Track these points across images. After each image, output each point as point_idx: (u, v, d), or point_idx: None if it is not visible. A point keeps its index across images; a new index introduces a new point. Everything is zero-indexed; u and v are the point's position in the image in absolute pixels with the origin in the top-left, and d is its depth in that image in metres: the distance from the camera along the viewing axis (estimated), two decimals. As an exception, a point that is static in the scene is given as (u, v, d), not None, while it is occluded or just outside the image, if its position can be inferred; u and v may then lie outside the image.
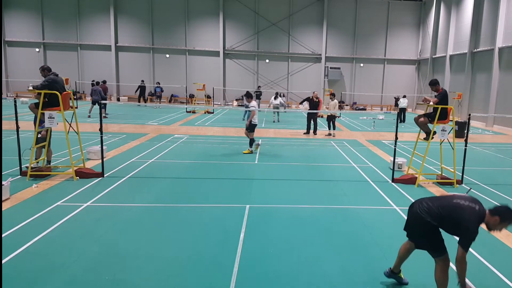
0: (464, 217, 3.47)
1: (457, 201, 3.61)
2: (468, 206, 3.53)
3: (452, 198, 3.73)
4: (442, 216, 3.62)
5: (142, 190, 7.38)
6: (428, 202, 3.78)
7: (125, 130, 15.08)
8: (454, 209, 3.57)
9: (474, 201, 3.63)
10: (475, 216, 3.47)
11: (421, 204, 3.79)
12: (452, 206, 3.60)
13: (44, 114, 7.68)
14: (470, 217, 3.46)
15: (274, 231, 5.60)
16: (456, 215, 3.53)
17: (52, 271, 4.27)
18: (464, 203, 3.56)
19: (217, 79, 31.05)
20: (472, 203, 3.57)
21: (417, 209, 3.77)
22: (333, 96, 15.94)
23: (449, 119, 8.37)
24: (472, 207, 3.52)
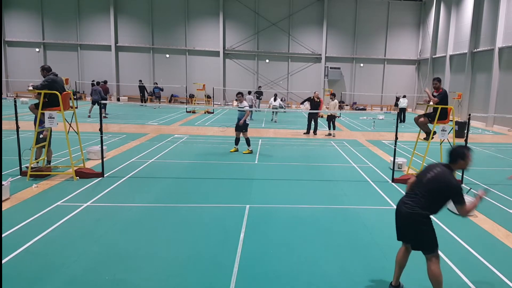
0: (449, 179, 3.71)
1: (434, 172, 3.79)
2: (444, 170, 3.78)
3: (426, 173, 3.84)
4: (431, 190, 3.73)
5: (142, 190, 7.38)
6: (410, 195, 3.87)
7: (125, 130, 15.08)
8: (437, 178, 3.74)
9: (441, 164, 3.88)
10: (451, 175, 3.79)
11: (404, 204, 3.84)
12: (434, 177, 3.76)
13: (44, 114, 7.68)
14: (451, 177, 3.75)
15: (274, 231, 5.60)
16: (443, 181, 3.72)
17: (52, 271, 4.28)
18: (440, 170, 3.78)
19: (217, 79, 31.05)
20: (442, 167, 3.82)
21: (405, 209, 3.80)
22: (333, 96, 15.95)
23: (449, 119, 8.37)
24: (445, 169, 3.79)
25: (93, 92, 18.77)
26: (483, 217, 6.50)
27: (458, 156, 3.81)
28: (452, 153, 3.84)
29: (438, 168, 3.81)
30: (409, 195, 3.89)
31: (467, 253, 5.08)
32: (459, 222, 6.25)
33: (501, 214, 6.70)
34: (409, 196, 3.86)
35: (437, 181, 3.72)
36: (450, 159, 3.83)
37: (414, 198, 3.79)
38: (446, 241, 5.46)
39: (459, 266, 4.70)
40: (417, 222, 3.74)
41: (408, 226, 3.82)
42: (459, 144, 4.00)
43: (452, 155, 3.83)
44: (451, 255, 4.98)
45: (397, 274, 4.12)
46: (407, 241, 3.98)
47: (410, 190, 3.92)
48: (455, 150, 3.86)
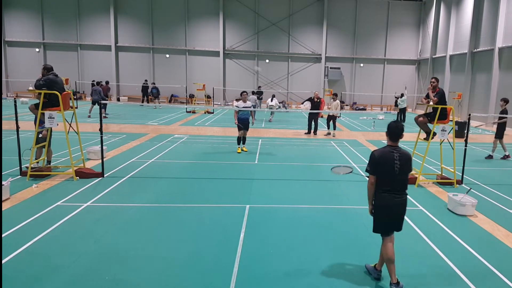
0: (409, 155, 4.16)
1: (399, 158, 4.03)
2: (402, 149, 4.14)
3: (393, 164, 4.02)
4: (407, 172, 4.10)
5: (142, 190, 7.38)
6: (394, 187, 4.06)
7: (125, 130, 15.08)
8: (405, 160, 4.06)
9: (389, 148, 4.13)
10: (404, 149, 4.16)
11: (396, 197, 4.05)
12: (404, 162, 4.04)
13: (44, 114, 7.68)
14: (407, 151, 4.16)
15: (274, 231, 5.60)
16: (409, 158, 4.11)
17: (52, 271, 4.27)
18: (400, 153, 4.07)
19: (217, 79, 31.05)
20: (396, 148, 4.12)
21: (401, 200, 4.08)
22: (335, 96, 15.92)
23: (449, 119, 8.37)
24: (402, 149, 4.15)
25: (93, 92, 18.79)
26: (483, 217, 6.50)
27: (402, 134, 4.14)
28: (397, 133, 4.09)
29: (395, 153, 4.04)
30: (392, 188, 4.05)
31: (467, 253, 5.08)
32: (459, 222, 6.25)
33: (501, 214, 6.69)
34: (396, 189, 4.06)
35: (406, 163, 4.06)
36: (398, 138, 4.11)
37: (402, 189, 4.08)
38: (446, 241, 5.46)
39: (459, 266, 4.70)
40: (405, 205, 4.14)
41: (401, 212, 4.14)
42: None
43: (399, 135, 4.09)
44: (451, 255, 4.98)
45: (394, 270, 4.13)
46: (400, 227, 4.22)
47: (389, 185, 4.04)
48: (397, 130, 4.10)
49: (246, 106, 11.01)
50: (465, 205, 6.46)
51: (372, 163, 4.07)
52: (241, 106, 10.99)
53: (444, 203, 7.13)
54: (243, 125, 11.19)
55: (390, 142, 4.15)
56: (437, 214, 6.55)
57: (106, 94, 21.02)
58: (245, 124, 11.21)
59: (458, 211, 6.53)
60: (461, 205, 6.48)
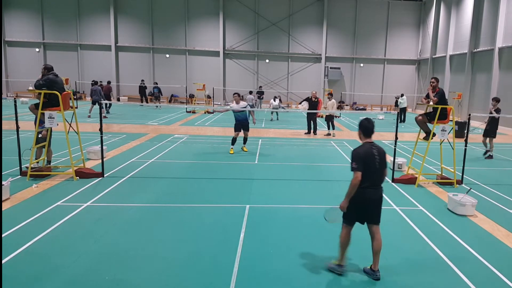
0: (383, 150, 4.33)
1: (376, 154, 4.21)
2: (377, 144, 4.31)
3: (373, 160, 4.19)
4: (384, 167, 4.28)
5: (142, 190, 7.38)
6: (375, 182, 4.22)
7: (125, 130, 15.08)
8: (382, 156, 4.26)
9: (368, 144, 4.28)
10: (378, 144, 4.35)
11: (378, 190, 4.25)
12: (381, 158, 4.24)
13: (44, 114, 7.68)
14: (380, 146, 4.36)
15: (274, 231, 5.60)
16: (384, 152, 4.32)
17: (52, 271, 4.27)
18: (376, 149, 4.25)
19: (217, 79, 31.05)
20: (374, 145, 4.28)
21: (379, 195, 4.27)
22: (330, 96, 15.95)
23: (449, 119, 8.37)
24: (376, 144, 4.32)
25: (93, 92, 18.81)
26: (483, 217, 6.50)
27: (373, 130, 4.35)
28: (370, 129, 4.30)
29: (373, 149, 4.22)
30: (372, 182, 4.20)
31: (467, 253, 5.08)
32: (459, 222, 6.25)
33: (501, 214, 6.69)
34: (376, 183, 4.23)
35: (383, 157, 4.25)
36: (371, 134, 4.31)
37: (379, 183, 4.27)
38: (446, 241, 5.46)
39: (459, 266, 4.70)
40: (381, 198, 4.31)
41: (377, 207, 4.30)
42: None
43: (371, 131, 4.30)
44: (451, 255, 4.98)
45: (343, 254, 4.41)
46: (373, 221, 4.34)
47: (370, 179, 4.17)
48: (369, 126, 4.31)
49: (240, 107, 10.95)
50: (465, 205, 6.46)
51: (358, 160, 4.15)
52: (235, 107, 10.96)
53: (444, 203, 7.13)
54: (241, 126, 11.18)
55: (365, 139, 4.31)
56: (437, 214, 6.56)
57: (108, 94, 21.04)
58: (243, 125, 11.19)
59: (458, 211, 6.53)
60: (461, 205, 6.48)
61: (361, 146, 4.29)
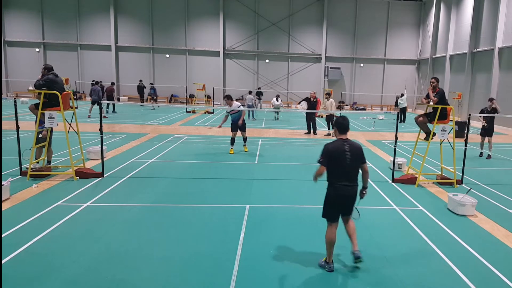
0: (359, 145, 4.46)
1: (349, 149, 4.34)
2: (352, 141, 4.44)
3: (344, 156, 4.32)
4: (357, 164, 4.40)
5: (142, 190, 7.38)
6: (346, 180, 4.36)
7: (125, 130, 15.08)
8: (355, 151, 4.36)
9: (340, 140, 4.42)
10: (354, 141, 4.47)
11: (348, 187, 4.36)
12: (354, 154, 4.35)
13: (44, 114, 7.68)
14: (357, 142, 4.47)
15: (274, 231, 5.60)
16: (359, 149, 4.42)
17: (52, 271, 4.27)
18: (350, 144, 4.37)
19: (217, 79, 31.05)
20: (352, 140, 4.44)
21: (355, 191, 4.41)
22: (328, 96, 15.97)
23: (449, 119, 8.37)
24: (352, 140, 4.44)
25: (93, 92, 18.84)
26: (483, 217, 6.50)
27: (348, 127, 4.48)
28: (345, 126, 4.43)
29: (345, 145, 4.35)
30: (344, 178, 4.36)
31: (467, 253, 5.08)
32: (459, 222, 6.26)
33: (501, 214, 6.69)
34: (347, 179, 4.36)
35: (356, 153, 4.36)
36: (345, 131, 4.44)
37: (352, 180, 4.38)
38: (446, 241, 5.46)
39: (459, 266, 4.70)
40: (356, 194, 4.45)
41: (351, 202, 4.47)
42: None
43: (346, 128, 4.44)
44: (451, 255, 4.98)
45: (331, 252, 4.52)
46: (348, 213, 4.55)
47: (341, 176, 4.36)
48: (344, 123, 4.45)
49: (233, 110, 10.96)
50: (465, 205, 6.46)
51: (325, 155, 4.34)
52: (229, 109, 10.98)
53: (444, 203, 7.13)
54: (235, 127, 11.21)
55: (340, 135, 4.45)
56: (437, 214, 6.56)
57: (111, 95, 21.01)
58: (236, 126, 11.19)
59: (458, 211, 6.53)
60: (461, 205, 6.48)
61: (333, 142, 4.44)
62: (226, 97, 11.19)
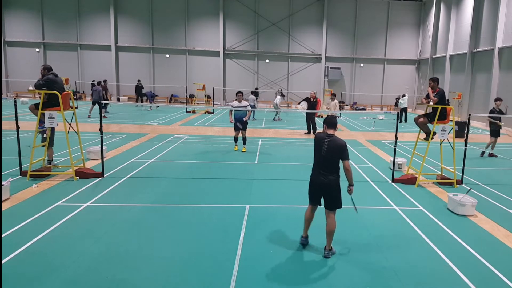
0: (342, 143, 4.71)
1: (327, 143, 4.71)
2: (336, 137, 4.76)
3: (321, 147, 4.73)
4: (333, 157, 4.70)
5: (142, 190, 7.38)
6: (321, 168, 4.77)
7: (125, 130, 15.08)
8: (335, 145, 4.68)
9: (325, 134, 4.82)
10: (340, 138, 4.77)
11: (321, 176, 4.76)
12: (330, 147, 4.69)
13: (44, 114, 7.68)
14: (342, 140, 4.75)
15: (274, 231, 5.60)
16: (339, 145, 4.69)
17: (52, 271, 4.28)
18: (330, 138, 4.72)
19: (217, 79, 31.06)
20: (336, 137, 4.76)
21: (326, 181, 4.75)
22: (334, 96, 15.98)
23: (449, 119, 8.37)
24: (336, 136, 4.77)
25: (94, 92, 18.82)
26: (483, 217, 6.50)
27: (336, 124, 4.92)
28: (332, 122, 4.88)
29: (326, 138, 4.73)
30: (318, 167, 4.80)
31: (467, 253, 5.08)
32: (459, 222, 6.26)
33: (501, 214, 6.69)
34: (320, 168, 4.77)
35: (334, 148, 4.66)
36: (333, 126, 4.87)
37: (325, 170, 4.75)
38: (446, 241, 5.46)
39: (459, 266, 4.70)
40: (333, 188, 4.76)
41: (326, 193, 4.81)
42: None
43: (333, 124, 4.88)
44: (451, 255, 4.98)
45: (306, 228, 5.15)
46: (317, 203, 5.01)
47: (317, 164, 4.82)
48: (332, 120, 4.90)
49: (240, 106, 11.03)
50: (465, 205, 6.46)
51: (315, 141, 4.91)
52: (235, 105, 11.04)
53: (444, 203, 7.13)
54: (240, 125, 11.25)
55: (327, 130, 4.88)
56: (437, 214, 6.56)
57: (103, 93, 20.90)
58: (241, 124, 11.23)
59: (458, 211, 6.53)
60: (461, 205, 6.48)
61: (319, 133, 4.94)
62: (239, 93, 11.27)
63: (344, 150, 4.67)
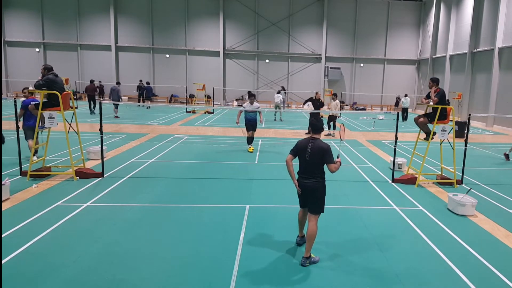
0: (322, 146, 4.70)
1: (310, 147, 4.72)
2: (320, 141, 4.77)
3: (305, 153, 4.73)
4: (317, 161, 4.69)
5: (142, 190, 7.38)
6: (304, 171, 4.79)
7: (125, 130, 15.08)
8: (316, 150, 4.68)
9: (309, 139, 4.81)
10: (323, 142, 4.78)
11: (306, 179, 4.76)
12: (313, 151, 4.68)
13: (44, 114, 7.68)
14: (325, 144, 4.75)
15: (274, 231, 5.60)
16: (321, 148, 4.68)
17: (52, 271, 4.28)
18: (313, 143, 4.73)
19: (217, 79, 31.05)
20: (320, 141, 4.78)
21: (310, 185, 4.73)
22: (335, 97, 16.01)
23: (449, 119, 8.37)
24: (320, 140, 4.79)
25: (112, 92, 19.33)
26: (483, 217, 6.50)
27: (321, 129, 4.89)
28: (318, 127, 4.84)
29: (310, 143, 4.74)
30: (303, 171, 4.80)
31: (467, 253, 5.08)
32: (459, 222, 6.26)
33: (501, 214, 6.70)
34: (305, 172, 4.78)
35: (317, 153, 4.66)
36: (318, 131, 4.84)
37: (309, 173, 4.75)
38: (446, 241, 5.46)
39: (459, 266, 4.70)
40: (317, 192, 4.72)
41: (309, 196, 4.76)
42: None
43: (318, 129, 4.84)
44: (451, 255, 4.98)
45: (301, 229, 5.22)
46: (306, 206, 4.91)
47: (302, 168, 4.82)
48: (318, 124, 4.86)
49: (252, 109, 11.16)
50: (465, 205, 6.46)
51: (294, 147, 4.88)
52: (248, 107, 11.11)
53: (444, 203, 7.13)
54: (251, 126, 11.41)
55: (313, 134, 4.86)
56: (437, 214, 6.56)
57: (92, 94, 20.80)
58: (253, 125, 11.41)
59: (458, 211, 6.53)
60: (461, 205, 6.48)
61: (304, 138, 4.91)
62: (252, 96, 11.40)
63: (326, 153, 4.63)
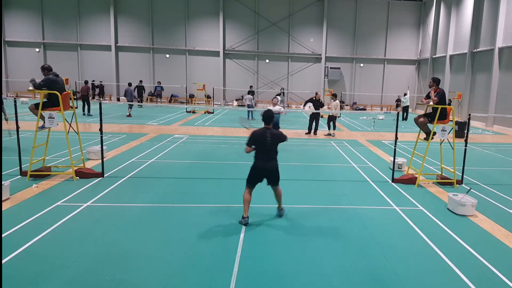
0: (278, 132, 5.97)
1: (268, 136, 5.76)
2: (272, 129, 5.86)
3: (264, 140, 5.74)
4: (275, 146, 5.89)
5: (142, 190, 7.38)
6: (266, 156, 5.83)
7: (125, 130, 15.08)
8: (274, 138, 5.81)
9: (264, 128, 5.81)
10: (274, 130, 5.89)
11: (268, 162, 5.85)
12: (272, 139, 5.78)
13: (44, 114, 7.68)
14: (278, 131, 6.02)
15: (274, 231, 5.60)
16: (278, 134, 5.91)
17: (52, 271, 4.28)
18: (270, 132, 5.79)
19: (217, 79, 31.05)
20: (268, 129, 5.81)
21: (271, 165, 5.89)
22: (334, 97, 16.01)
23: (449, 119, 8.37)
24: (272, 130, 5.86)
25: (126, 93, 19.53)
26: (483, 217, 6.50)
27: (272, 119, 5.86)
28: (270, 117, 5.81)
29: (267, 132, 5.73)
30: (265, 156, 5.82)
31: (467, 253, 5.08)
32: (459, 222, 6.26)
33: (501, 214, 6.70)
34: (267, 156, 5.83)
35: (275, 140, 5.80)
36: (269, 122, 5.82)
37: (271, 157, 5.86)
38: (446, 241, 5.46)
39: (459, 266, 4.70)
40: (277, 169, 5.97)
41: (273, 174, 5.92)
42: None
43: (270, 119, 5.82)
44: (451, 255, 4.98)
45: (247, 209, 5.83)
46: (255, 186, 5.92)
47: (263, 154, 5.82)
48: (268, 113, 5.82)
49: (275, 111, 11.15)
50: (465, 205, 6.46)
51: (251, 139, 5.76)
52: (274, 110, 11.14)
53: (444, 203, 7.13)
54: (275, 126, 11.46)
55: (265, 125, 5.79)
56: (437, 214, 6.56)
57: (86, 94, 20.49)
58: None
59: (458, 211, 6.53)
60: (461, 205, 6.48)
61: (259, 129, 5.79)
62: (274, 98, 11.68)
63: (281, 138, 5.88)
